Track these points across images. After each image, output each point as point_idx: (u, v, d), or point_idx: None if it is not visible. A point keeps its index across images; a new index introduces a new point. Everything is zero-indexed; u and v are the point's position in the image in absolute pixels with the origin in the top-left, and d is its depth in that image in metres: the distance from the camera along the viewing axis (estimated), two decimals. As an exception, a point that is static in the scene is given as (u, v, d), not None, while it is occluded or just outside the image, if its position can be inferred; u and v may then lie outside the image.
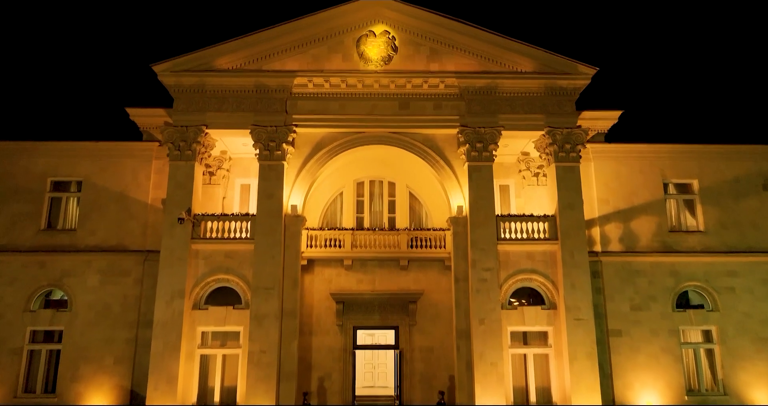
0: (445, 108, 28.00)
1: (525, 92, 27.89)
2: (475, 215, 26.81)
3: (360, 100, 27.99)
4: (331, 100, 27.99)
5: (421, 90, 27.89)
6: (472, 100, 27.87)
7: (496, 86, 27.80)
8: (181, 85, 27.56)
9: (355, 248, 28.66)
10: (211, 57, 27.67)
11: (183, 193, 26.64)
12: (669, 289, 27.79)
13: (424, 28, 28.38)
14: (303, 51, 28.29)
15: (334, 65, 28.14)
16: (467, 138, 27.34)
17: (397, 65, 28.20)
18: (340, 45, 28.47)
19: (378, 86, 27.78)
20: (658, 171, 29.25)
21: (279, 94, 27.73)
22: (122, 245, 28.15)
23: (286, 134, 27.28)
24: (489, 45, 28.07)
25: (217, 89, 27.61)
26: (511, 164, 30.32)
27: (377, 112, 27.92)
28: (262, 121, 27.41)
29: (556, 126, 27.49)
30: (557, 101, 27.89)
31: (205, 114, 27.41)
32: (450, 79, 27.73)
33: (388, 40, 28.37)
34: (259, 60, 28.08)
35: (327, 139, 28.03)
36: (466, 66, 28.20)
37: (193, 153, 27.11)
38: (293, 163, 27.80)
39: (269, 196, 26.83)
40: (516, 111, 27.81)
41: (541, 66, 27.99)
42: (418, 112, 27.94)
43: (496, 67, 28.21)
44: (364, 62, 28.18)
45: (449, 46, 28.34)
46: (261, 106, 27.65)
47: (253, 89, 27.68)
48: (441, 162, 27.91)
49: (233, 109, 27.57)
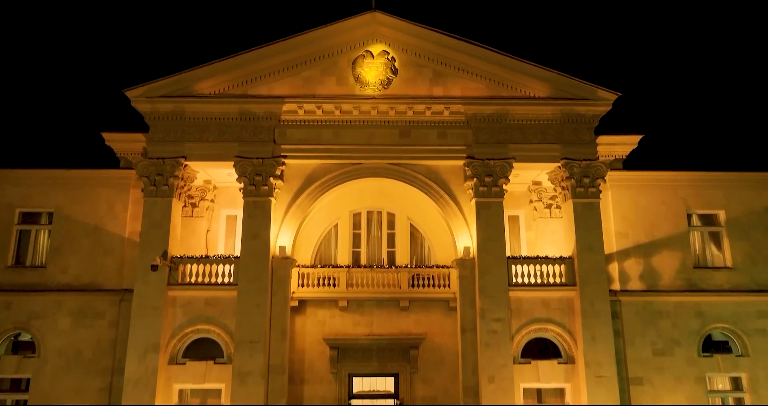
0: (450, 137, 25.35)
1: (538, 119, 25.26)
2: (484, 258, 24.19)
3: (356, 127, 25.34)
4: (324, 128, 25.34)
5: (424, 117, 25.24)
6: (480, 129, 25.23)
7: (506, 113, 25.15)
8: (157, 112, 24.91)
9: (351, 287, 26.11)
10: (191, 81, 24.99)
11: (159, 234, 24.01)
12: (694, 332, 25.43)
13: (426, 48, 25.71)
14: (293, 74, 25.63)
15: (327, 89, 25.48)
16: (475, 171, 24.70)
17: (396, 89, 25.54)
18: (334, 67, 25.80)
19: (376, 113, 25.16)
20: (681, 201, 26.90)
21: (266, 122, 25.08)
22: (96, 283, 25.72)
23: (273, 167, 24.62)
24: (498, 67, 25.41)
25: (198, 117, 24.96)
26: (521, 194, 27.60)
27: (375, 141, 25.28)
28: (247, 153, 24.75)
29: (574, 157, 24.86)
30: (574, 129, 25.25)
31: (183, 145, 24.75)
32: (456, 106, 25.09)
33: (386, 62, 25.69)
34: (245, 84, 25.41)
35: (320, 171, 25.41)
36: (474, 90, 25.54)
37: (171, 188, 24.46)
38: (282, 198, 25.15)
39: (254, 237, 24.18)
40: (529, 140, 25.17)
41: (557, 91, 25.33)
42: (420, 142, 25.30)
43: (506, 91, 25.55)
44: (360, 86, 25.52)
45: (454, 68, 25.68)
46: (246, 135, 25.00)
47: (237, 117, 25.02)
48: (446, 197, 25.28)
49: (215, 138, 24.92)
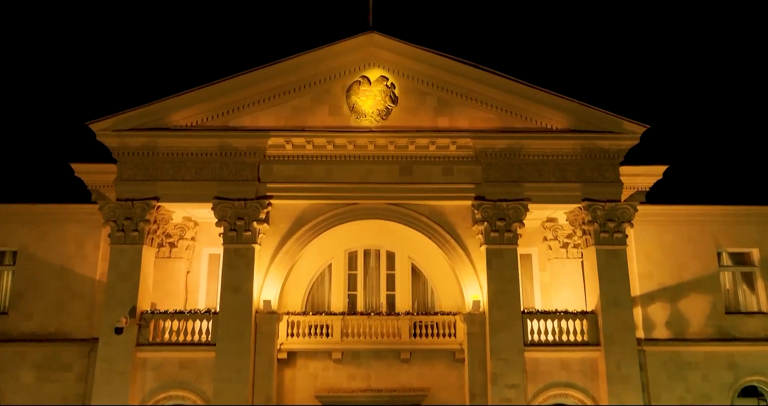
0: (456, 174, 22.52)
1: (557, 155, 22.43)
2: (496, 314, 21.33)
3: (351, 163, 22.51)
4: (315, 164, 22.50)
5: (427, 152, 22.41)
6: (491, 165, 22.39)
7: (520, 148, 22.32)
8: (126, 147, 22.06)
9: (346, 337, 23.24)
10: (165, 112, 22.15)
11: (127, 287, 21.17)
12: (727, 385, 23.06)
13: (430, 73, 22.89)
14: (280, 102, 22.80)
15: (318, 120, 22.65)
16: (485, 214, 21.85)
17: (396, 120, 22.70)
18: (326, 94, 22.98)
19: (373, 147, 22.32)
20: (711, 238, 24.54)
21: (250, 158, 22.24)
22: (63, 332, 23.19)
23: (257, 210, 21.77)
24: (511, 96, 22.58)
25: (173, 152, 22.12)
26: (533, 230, 24.64)
27: (373, 179, 22.44)
28: (227, 193, 21.90)
29: (596, 198, 22.02)
30: (597, 166, 22.42)
31: (156, 184, 21.90)
32: (463, 140, 22.25)
33: (385, 89, 22.86)
34: (226, 114, 22.57)
35: (310, 212, 22.57)
36: (483, 121, 22.71)
37: (141, 234, 21.61)
38: (268, 243, 22.30)
39: (235, 290, 21.30)
40: (545, 178, 22.34)
41: (577, 122, 22.50)
42: (423, 179, 22.46)
43: (519, 122, 22.73)
44: (356, 116, 22.69)
45: (462, 96, 22.86)
46: (227, 172, 22.16)
47: (217, 152, 22.18)
48: (452, 242, 22.42)
49: (192, 176, 22.07)
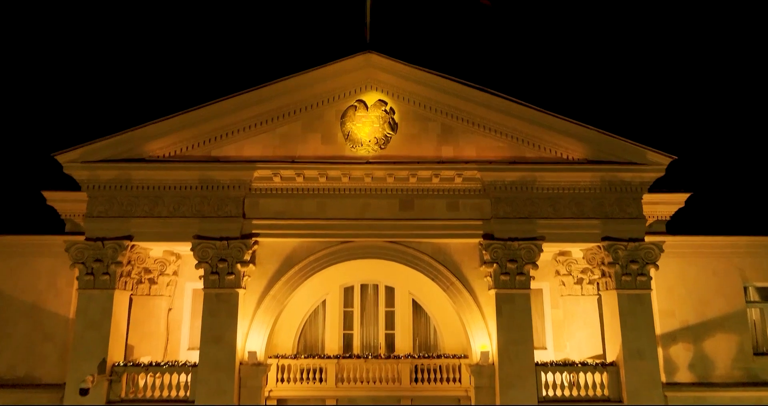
0: (462, 208, 20.38)
1: (573, 188, 20.27)
2: (507, 367, 19.17)
3: (346, 197, 20.37)
4: (306, 198, 20.36)
5: (430, 184, 20.27)
6: (501, 199, 20.25)
7: (533, 180, 20.17)
8: (97, 180, 19.92)
9: (342, 383, 21.32)
10: (140, 141, 20.01)
11: (97, 338, 19.05)
12: None
13: (433, 98, 20.75)
14: (268, 129, 20.67)
15: (310, 149, 20.52)
16: (494, 255, 19.70)
17: (396, 149, 20.57)
18: (318, 121, 20.84)
19: (371, 180, 20.18)
20: (737, 272, 22.71)
21: (234, 192, 20.10)
22: (33, 376, 21.32)
23: (242, 251, 19.62)
24: (523, 122, 20.45)
25: (148, 185, 19.97)
26: (545, 262, 22.36)
27: (370, 214, 20.30)
28: (209, 231, 19.76)
29: (618, 237, 19.89)
30: (617, 200, 20.27)
31: (130, 221, 19.76)
32: (470, 172, 20.11)
33: (383, 115, 20.72)
34: (207, 143, 20.44)
35: (301, 251, 20.45)
36: (492, 150, 20.57)
37: (113, 277, 19.47)
38: (254, 285, 20.17)
39: (217, 340, 19.14)
40: (561, 213, 20.19)
41: (596, 152, 20.36)
42: (425, 214, 20.32)
43: (532, 152, 20.59)
44: (351, 145, 20.56)
45: (468, 122, 20.72)
46: (209, 207, 20.02)
47: (197, 185, 20.03)
48: (457, 284, 20.28)
49: (170, 212, 19.92)
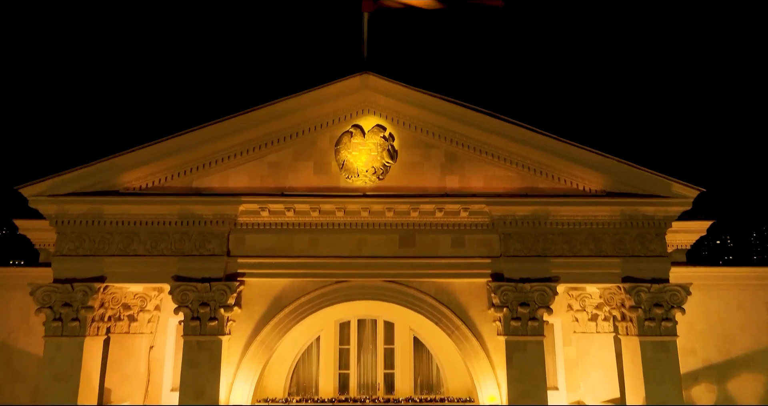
0: (469, 245, 18.54)
1: (591, 222, 18.43)
2: (519, 424, 17.37)
3: (341, 232, 18.53)
4: (297, 233, 18.53)
5: (433, 218, 18.43)
6: (511, 235, 18.40)
7: (546, 214, 18.32)
8: (66, 215, 18.07)
9: (337, 429, 19.43)
10: (114, 172, 18.18)
11: (65, 391, 17.22)
12: None
13: (436, 123, 18.91)
14: (255, 158, 18.84)
15: (302, 180, 18.69)
16: (504, 299, 17.87)
17: (396, 180, 18.73)
18: (310, 148, 19.00)
19: (368, 214, 18.35)
20: (764, 305, 21.47)
21: (217, 227, 18.27)
22: None
23: (225, 294, 17.78)
24: (535, 151, 18.60)
25: (123, 220, 18.13)
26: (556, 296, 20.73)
27: (367, 252, 18.47)
28: (189, 271, 17.93)
29: (640, 277, 18.06)
30: (639, 236, 18.42)
31: (102, 260, 17.93)
32: (477, 205, 18.27)
33: (382, 142, 18.88)
34: (188, 173, 18.61)
35: (291, 291, 18.65)
36: (501, 180, 18.73)
37: (83, 324, 17.63)
38: (239, 329, 18.37)
39: (198, 395, 17.29)
40: (577, 250, 18.35)
41: (615, 183, 18.51)
42: (428, 251, 18.49)
43: (545, 182, 18.74)
44: (346, 175, 18.72)
45: (475, 150, 18.88)
46: (190, 245, 18.18)
47: (177, 220, 18.19)
48: (463, 329, 18.47)
49: (147, 249, 18.08)
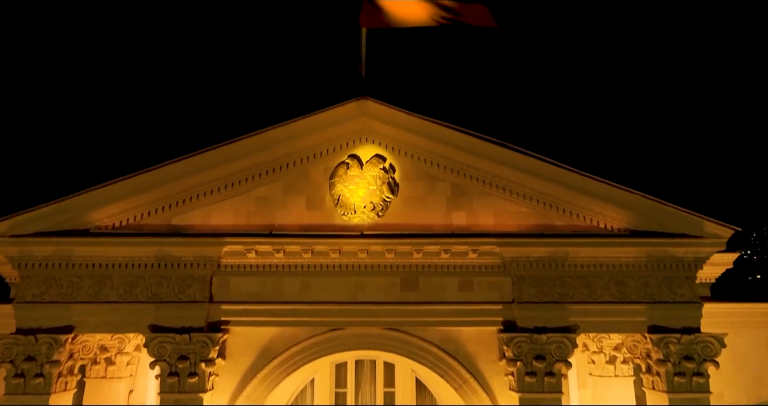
0: (478, 288, 16.70)
1: (613, 264, 16.59)
2: None
3: (336, 275, 16.71)
4: (287, 276, 16.70)
5: (439, 260, 16.61)
6: (524, 278, 16.57)
7: (565, 256, 16.50)
8: (30, 257, 16.24)
9: None
10: (84, 208, 16.35)
11: (26, 457, 15.39)
12: None
13: (442, 153, 17.10)
14: (241, 192, 17.03)
15: (292, 217, 16.87)
16: (518, 351, 16.02)
17: (397, 216, 16.90)
18: (302, 181, 17.18)
19: (366, 255, 16.53)
20: None
21: (199, 270, 16.44)
22: None
23: (207, 347, 15.92)
24: (552, 184, 16.78)
25: (94, 262, 16.30)
26: (571, 334, 18.99)
27: (365, 296, 16.64)
28: (167, 320, 16.09)
29: (668, 326, 16.20)
30: (666, 279, 16.57)
31: (70, 308, 16.09)
32: (487, 246, 16.45)
33: (381, 174, 17.07)
34: (167, 209, 16.79)
35: (281, 340, 16.82)
36: (513, 217, 16.91)
37: (48, 380, 15.75)
38: (223, 383, 16.53)
39: (176, 462, 15.51)
40: (598, 296, 16.49)
41: (641, 221, 16.66)
42: (432, 296, 16.65)
43: (562, 218, 16.92)
44: (342, 212, 16.91)
45: (485, 183, 17.06)
46: (167, 290, 16.34)
47: (154, 262, 16.37)
48: (471, 382, 16.64)
49: (120, 295, 16.25)
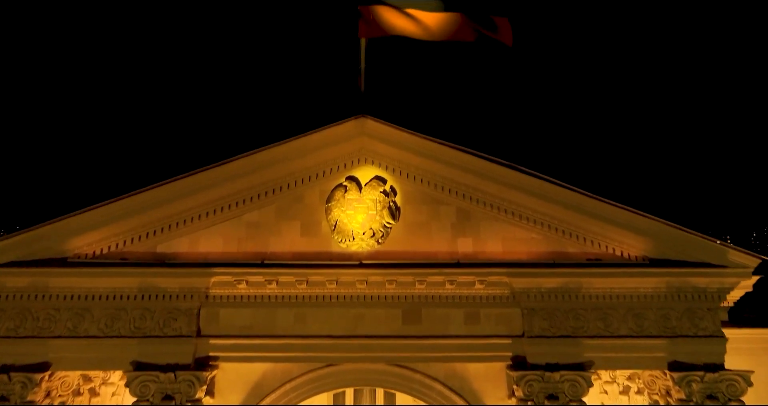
0: (485, 320, 15.54)
1: (630, 295, 15.45)
2: None
3: (333, 307, 15.55)
4: (281, 307, 15.53)
5: (443, 290, 15.46)
6: (535, 310, 15.41)
7: (578, 287, 15.35)
8: (3, 289, 15.02)
9: None
10: (62, 236, 15.22)
11: None
12: None
13: (447, 175, 15.99)
14: (232, 216, 15.91)
15: (286, 244, 15.74)
16: (528, 391, 14.81)
17: (399, 243, 15.76)
18: (297, 205, 16.06)
19: (365, 286, 15.39)
20: None
21: (185, 302, 15.29)
22: None
23: (194, 386, 14.70)
24: (564, 209, 15.67)
25: (73, 294, 15.16)
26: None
27: (364, 330, 15.45)
28: (151, 356, 14.91)
29: (690, 362, 15.02)
30: (688, 311, 15.41)
31: (47, 343, 14.92)
32: (496, 276, 15.32)
33: (382, 198, 15.93)
34: (152, 236, 15.66)
35: (274, 376, 15.57)
36: (523, 244, 15.78)
37: (22, 422, 14.65)
38: (211, 423, 15.39)
39: None
40: (614, 329, 15.32)
41: (660, 249, 15.52)
42: (436, 329, 15.46)
43: (575, 245, 15.79)
44: (340, 238, 15.76)
45: (492, 207, 15.94)
46: (152, 323, 15.19)
47: (137, 294, 15.23)
48: (478, 422, 15.49)
49: (101, 329, 15.09)
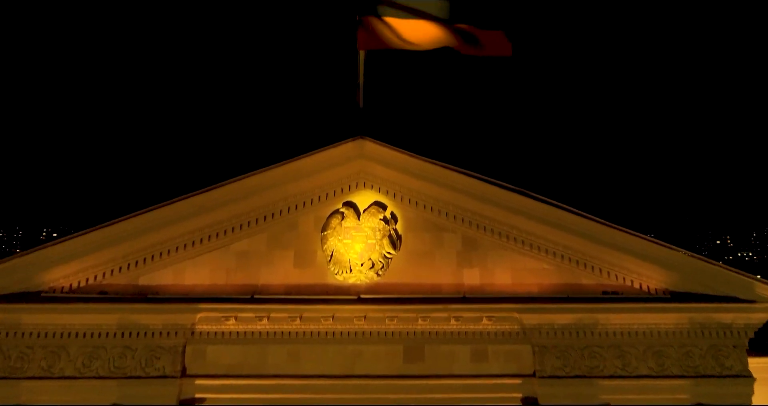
0: (493, 358, 14.38)
1: (650, 332, 14.32)
2: None
3: (329, 343, 14.39)
4: (272, 343, 14.38)
5: (448, 326, 14.33)
6: (547, 347, 14.26)
7: (594, 323, 14.21)
8: (-28, 326, 14.03)
9: None
10: (35, 268, 14.09)
11: None
12: None
13: (451, 201, 14.87)
14: (219, 246, 14.80)
15: (278, 276, 14.62)
16: (541, 437, 13.72)
17: (400, 274, 14.64)
18: (290, 233, 14.93)
19: (363, 321, 14.25)
20: None
21: (169, 340, 14.14)
22: None
23: (177, 431, 13.66)
24: (578, 238, 14.54)
25: (47, 331, 14.03)
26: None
27: (362, 369, 14.27)
28: (131, 399, 13.72)
29: (715, 405, 13.90)
30: (712, 349, 14.26)
31: (19, 385, 13.77)
32: (504, 312, 14.18)
33: (382, 226, 14.81)
34: (134, 267, 14.53)
35: (265, 418, 14.48)
36: (534, 275, 14.65)
37: (-10, 473, 13.52)
38: (197, 470, 14.21)
39: None
40: (632, 369, 14.16)
41: (682, 282, 14.39)
42: (440, 367, 14.29)
43: (590, 278, 14.66)
44: (336, 270, 14.64)
45: (500, 235, 14.80)
46: (133, 363, 14.02)
47: (116, 331, 14.09)
48: (486, 469, 14.31)
49: (78, 369, 13.93)
